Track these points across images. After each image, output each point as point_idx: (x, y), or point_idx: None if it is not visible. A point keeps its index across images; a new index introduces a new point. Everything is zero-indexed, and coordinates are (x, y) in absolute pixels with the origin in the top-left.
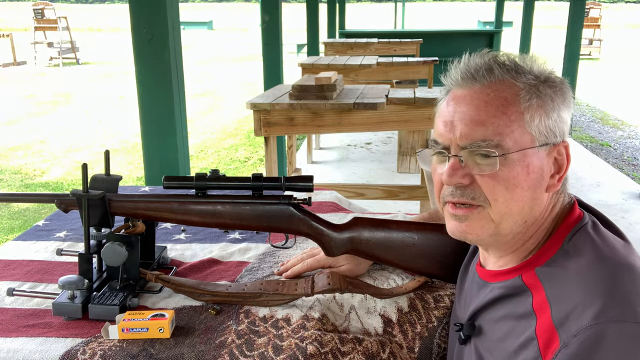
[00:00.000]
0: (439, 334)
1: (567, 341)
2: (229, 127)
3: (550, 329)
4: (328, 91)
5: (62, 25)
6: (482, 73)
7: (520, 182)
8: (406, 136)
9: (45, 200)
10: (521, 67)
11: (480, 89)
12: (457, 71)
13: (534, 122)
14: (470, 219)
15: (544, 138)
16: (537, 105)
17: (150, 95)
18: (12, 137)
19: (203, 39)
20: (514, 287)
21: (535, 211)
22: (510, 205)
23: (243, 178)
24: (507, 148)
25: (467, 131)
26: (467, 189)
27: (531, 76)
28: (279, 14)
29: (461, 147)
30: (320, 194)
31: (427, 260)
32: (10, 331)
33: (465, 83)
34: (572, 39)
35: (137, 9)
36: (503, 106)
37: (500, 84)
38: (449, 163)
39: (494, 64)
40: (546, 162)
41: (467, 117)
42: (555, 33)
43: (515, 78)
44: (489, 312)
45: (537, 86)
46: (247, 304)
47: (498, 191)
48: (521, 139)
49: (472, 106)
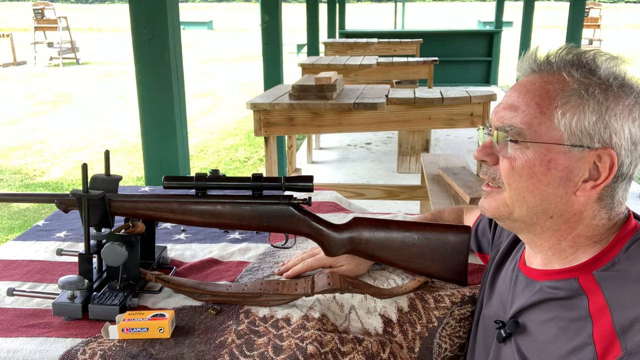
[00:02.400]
0: (440, 334)
1: (632, 349)
2: (229, 127)
3: (611, 335)
4: (328, 91)
5: (62, 25)
6: (542, 64)
7: (536, 174)
8: (406, 136)
9: (45, 200)
10: (592, 65)
11: (533, 77)
12: (525, 59)
13: (565, 119)
14: (489, 197)
15: (576, 139)
16: (574, 104)
17: (150, 95)
18: (12, 137)
19: (203, 39)
20: (569, 289)
21: (561, 210)
22: (524, 194)
23: (243, 178)
24: (528, 137)
25: (502, 114)
26: (491, 168)
27: (590, 75)
28: (279, 14)
29: (495, 127)
30: (320, 194)
31: (427, 260)
32: (10, 331)
33: (526, 73)
34: (572, 39)
35: (137, 9)
36: (540, 97)
37: (552, 77)
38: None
39: (560, 57)
40: (579, 165)
41: (509, 102)
42: (555, 33)
43: (571, 74)
44: (536, 312)
45: (589, 86)
46: (247, 304)
47: (512, 177)
48: (547, 133)
49: (517, 92)
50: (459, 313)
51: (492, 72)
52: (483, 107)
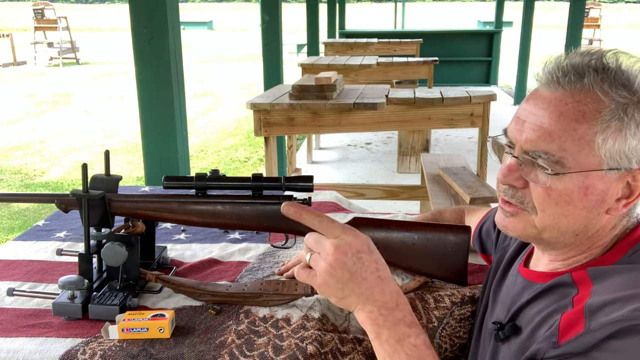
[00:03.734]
0: (440, 334)
1: (594, 328)
2: (229, 127)
3: (578, 314)
4: (328, 91)
5: (62, 25)
6: (570, 78)
7: (573, 201)
8: (406, 136)
9: (45, 200)
10: (622, 76)
11: (562, 95)
12: (547, 70)
13: (606, 145)
14: (515, 217)
15: (615, 163)
16: (615, 129)
17: (150, 95)
18: (12, 137)
19: (203, 39)
20: (560, 282)
21: (588, 228)
22: (558, 219)
23: (243, 178)
24: (568, 167)
25: (533, 137)
26: (518, 191)
27: (626, 92)
28: (279, 14)
29: (524, 151)
30: (320, 194)
31: (427, 260)
32: (10, 331)
33: (549, 86)
34: (572, 39)
35: (137, 9)
36: (577, 121)
37: (585, 95)
38: (508, 161)
39: (588, 69)
40: (614, 186)
41: (537, 122)
42: (555, 33)
43: (605, 91)
44: (529, 308)
45: (627, 107)
46: (247, 304)
47: (547, 204)
48: (587, 160)
49: (546, 112)
50: (459, 313)
51: (492, 72)
52: (483, 107)
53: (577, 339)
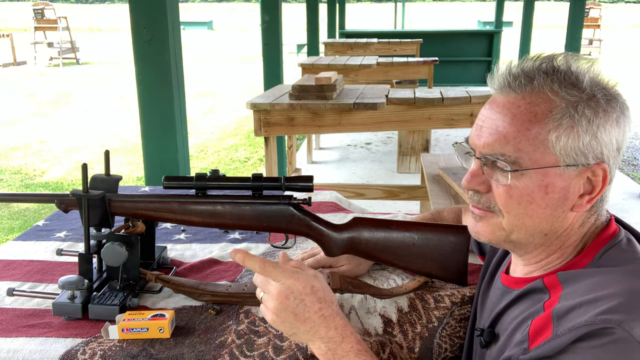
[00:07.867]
0: (440, 334)
1: (561, 333)
2: (229, 127)
3: (547, 319)
4: (328, 91)
5: (62, 25)
6: (520, 82)
7: (535, 199)
8: (406, 136)
9: (45, 200)
10: (571, 76)
11: (514, 98)
12: (499, 75)
13: (560, 143)
14: (483, 221)
15: (571, 159)
16: (567, 126)
17: (150, 95)
18: (12, 137)
19: (203, 39)
20: (533, 287)
21: (556, 227)
22: (523, 219)
23: (243, 178)
24: (524, 165)
25: (490, 141)
26: (483, 196)
27: (575, 91)
28: (279, 14)
29: (483, 155)
30: (320, 194)
31: (427, 260)
32: (10, 331)
33: (502, 90)
34: (572, 39)
35: (137, 9)
36: (530, 122)
37: (536, 96)
38: (471, 167)
39: (538, 72)
40: (574, 183)
41: (493, 126)
42: (555, 33)
43: (555, 91)
44: (506, 315)
45: (577, 104)
46: (247, 304)
47: (510, 204)
48: (543, 158)
49: (501, 116)
50: (459, 313)
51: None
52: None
53: (546, 344)
